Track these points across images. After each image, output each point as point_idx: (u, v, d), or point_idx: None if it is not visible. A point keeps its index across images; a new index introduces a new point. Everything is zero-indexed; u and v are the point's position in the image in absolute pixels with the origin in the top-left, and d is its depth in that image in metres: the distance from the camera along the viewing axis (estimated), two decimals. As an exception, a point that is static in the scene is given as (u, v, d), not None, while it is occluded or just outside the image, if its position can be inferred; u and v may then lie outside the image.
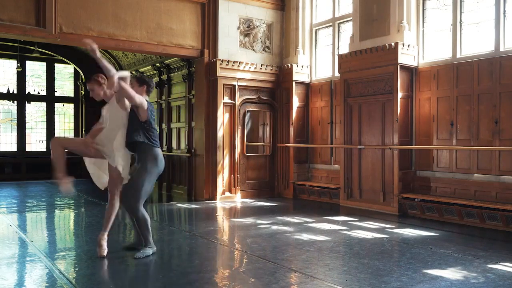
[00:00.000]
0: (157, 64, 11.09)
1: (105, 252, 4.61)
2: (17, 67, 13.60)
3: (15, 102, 14.26)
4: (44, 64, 14.71)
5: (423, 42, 7.73)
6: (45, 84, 14.78)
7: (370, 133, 8.04)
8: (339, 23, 9.36)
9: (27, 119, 14.46)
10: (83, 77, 14.63)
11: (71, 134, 15.18)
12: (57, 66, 14.96)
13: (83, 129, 14.59)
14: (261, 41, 9.84)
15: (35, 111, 14.84)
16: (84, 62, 14.38)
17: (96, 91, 4.64)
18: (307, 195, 9.47)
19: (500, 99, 6.56)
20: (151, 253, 4.63)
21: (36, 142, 14.74)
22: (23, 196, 10.34)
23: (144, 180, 4.55)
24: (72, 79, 15.26)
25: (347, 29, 9.12)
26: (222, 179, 9.23)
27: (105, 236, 4.67)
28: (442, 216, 6.89)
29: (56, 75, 14.98)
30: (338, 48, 9.32)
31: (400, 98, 7.53)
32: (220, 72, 9.08)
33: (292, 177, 9.67)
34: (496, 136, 6.60)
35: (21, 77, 14.26)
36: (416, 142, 7.70)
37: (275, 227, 6.41)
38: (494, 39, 6.69)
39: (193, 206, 8.45)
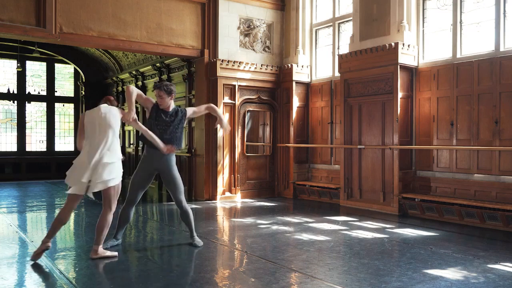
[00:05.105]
0: (157, 64, 11.09)
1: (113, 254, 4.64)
2: (17, 67, 13.61)
3: (15, 102, 14.27)
4: (44, 64, 14.72)
5: (423, 42, 7.73)
6: (45, 84, 14.79)
7: (370, 133, 8.04)
8: (339, 23, 9.36)
9: (27, 119, 14.46)
10: (83, 77, 14.64)
11: (71, 134, 15.19)
12: (57, 66, 14.98)
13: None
14: (261, 41, 9.83)
15: (35, 111, 14.84)
16: (84, 62, 14.40)
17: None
18: (307, 195, 9.47)
19: (500, 99, 6.56)
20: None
21: (36, 142, 14.74)
22: (23, 196, 10.33)
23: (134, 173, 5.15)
24: (72, 79, 15.28)
25: (347, 29, 9.12)
26: (222, 179, 9.23)
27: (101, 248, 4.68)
28: (442, 216, 6.88)
29: (56, 75, 15.00)
30: (338, 48, 9.32)
31: (400, 98, 7.53)
32: (220, 72, 9.08)
33: (292, 177, 9.67)
34: (496, 136, 6.60)
35: (21, 77, 14.28)
36: (416, 142, 7.70)
37: (275, 227, 6.41)
38: (494, 39, 6.70)
39: (193, 206, 8.44)
